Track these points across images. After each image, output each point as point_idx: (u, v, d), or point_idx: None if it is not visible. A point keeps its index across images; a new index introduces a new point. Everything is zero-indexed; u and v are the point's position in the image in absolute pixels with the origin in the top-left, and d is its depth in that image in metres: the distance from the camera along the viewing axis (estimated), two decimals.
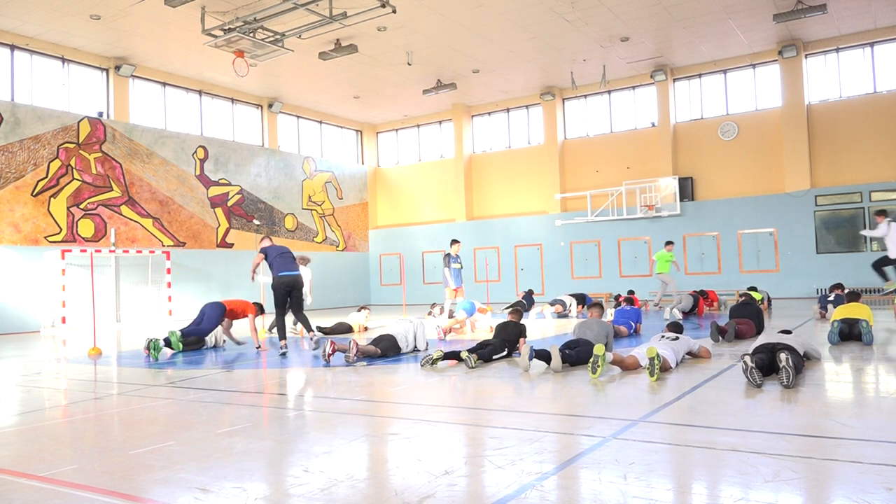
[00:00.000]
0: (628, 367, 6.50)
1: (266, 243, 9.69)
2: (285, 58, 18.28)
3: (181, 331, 9.81)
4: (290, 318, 10.56)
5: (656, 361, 5.89)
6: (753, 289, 15.28)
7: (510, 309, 9.15)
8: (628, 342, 9.28)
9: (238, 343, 10.60)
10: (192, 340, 9.95)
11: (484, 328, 12.14)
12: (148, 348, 9.30)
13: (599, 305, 8.25)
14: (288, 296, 9.28)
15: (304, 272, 12.65)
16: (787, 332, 6.67)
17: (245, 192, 22.39)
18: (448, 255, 13.56)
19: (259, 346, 9.80)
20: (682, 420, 4.49)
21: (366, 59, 19.48)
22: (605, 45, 19.03)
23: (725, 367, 6.64)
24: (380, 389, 6.28)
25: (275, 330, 11.98)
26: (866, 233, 14.04)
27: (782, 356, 5.44)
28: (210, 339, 10.23)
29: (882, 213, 13.05)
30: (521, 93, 23.77)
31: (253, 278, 9.62)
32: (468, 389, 6.10)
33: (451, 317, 12.73)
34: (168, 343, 9.64)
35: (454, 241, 13.82)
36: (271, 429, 4.69)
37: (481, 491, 3.15)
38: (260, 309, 10.52)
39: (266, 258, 9.33)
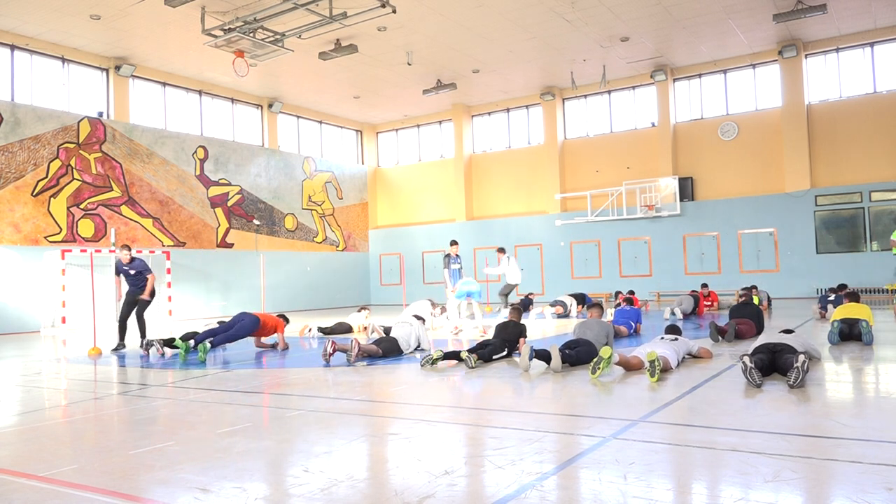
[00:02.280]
0: (633, 367, 6.49)
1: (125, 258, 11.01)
2: (285, 58, 18.27)
3: (206, 332, 9.45)
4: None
5: (656, 363, 5.90)
6: (753, 288, 15.28)
7: (510, 309, 9.15)
8: (628, 342, 9.28)
9: (271, 347, 10.17)
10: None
11: (471, 330, 12.13)
12: (152, 346, 9.38)
13: (599, 306, 8.25)
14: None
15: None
16: (789, 331, 6.67)
17: (245, 192, 22.39)
18: (448, 255, 13.61)
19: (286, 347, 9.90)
20: (682, 420, 4.49)
21: (366, 59, 19.48)
22: (605, 45, 19.03)
23: (725, 367, 6.64)
24: (380, 389, 6.28)
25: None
26: (487, 270, 16.01)
27: (801, 358, 5.44)
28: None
29: (501, 250, 15.33)
30: (521, 93, 23.76)
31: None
32: (468, 389, 6.10)
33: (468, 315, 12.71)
34: (171, 344, 9.53)
35: (453, 242, 13.89)
36: (271, 429, 4.69)
37: (481, 491, 3.15)
38: (285, 320, 10.30)
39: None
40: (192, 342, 8.97)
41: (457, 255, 13.78)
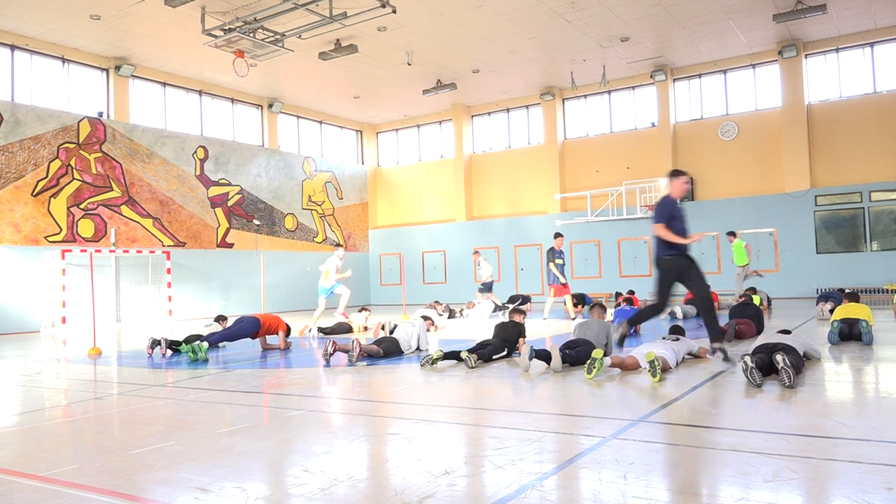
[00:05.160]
0: (628, 367, 6.50)
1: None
2: (285, 58, 18.27)
3: (208, 338, 9.45)
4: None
5: (656, 363, 5.90)
6: (753, 290, 15.24)
7: (512, 308, 9.15)
8: (628, 342, 9.27)
9: (278, 349, 10.07)
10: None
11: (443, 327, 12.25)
12: (156, 347, 9.38)
13: (601, 306, 8.24)
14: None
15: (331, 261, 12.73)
16: (787, 331, 6.68)
17: (245, 192, 22.39)
18: (552, 249, 13.15)
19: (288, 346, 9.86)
20: (682, 420, 4.49)
21: (366, 59, 19.48)
22: (605, 45, 19.03)
23: (725, 367, 6.64)
24: (380, 389, 6.28)
25: None
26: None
27: (778, 357, 5.45)
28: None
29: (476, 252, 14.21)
30: (520, 93, 23.76)
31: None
32: (468, 389, 6.10)
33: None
34: (176, 347, 9.46)
35: (557, 235, 13.41)
36: (271, 429, 4.69)
37: (481, 491, 3.15)
38: (287, 328, 10.17)
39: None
40: (197, 343, 8.91)
41: (560, 250, 13.24)
